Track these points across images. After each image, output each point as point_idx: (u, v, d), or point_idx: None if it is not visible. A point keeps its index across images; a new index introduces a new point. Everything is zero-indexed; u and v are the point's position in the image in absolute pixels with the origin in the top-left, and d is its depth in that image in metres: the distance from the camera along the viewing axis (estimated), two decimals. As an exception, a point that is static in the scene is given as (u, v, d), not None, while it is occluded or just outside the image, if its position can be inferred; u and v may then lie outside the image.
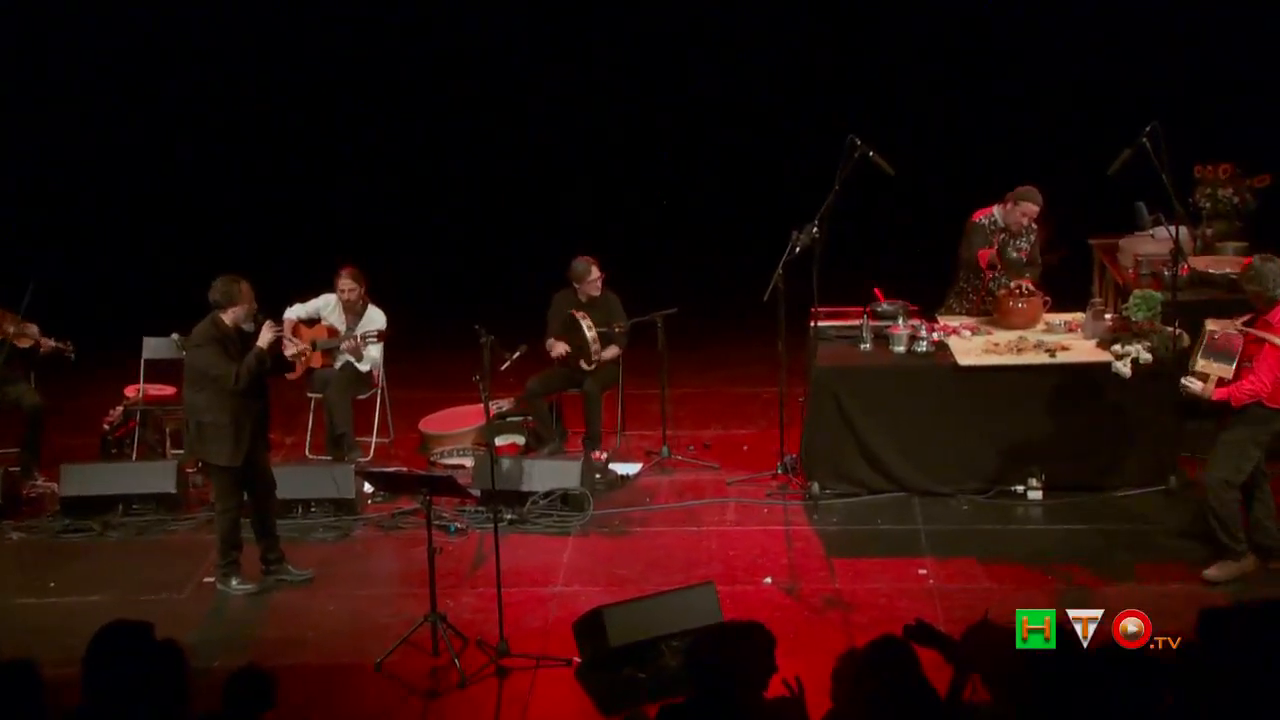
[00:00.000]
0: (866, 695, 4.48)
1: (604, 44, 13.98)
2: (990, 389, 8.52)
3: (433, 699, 6.71)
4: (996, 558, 7.85)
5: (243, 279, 7.66)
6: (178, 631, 5.98)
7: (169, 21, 13.54)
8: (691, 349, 10.81)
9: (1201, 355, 7.33)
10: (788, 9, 13.66)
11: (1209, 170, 9.89)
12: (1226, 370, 7.23)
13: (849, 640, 6.61)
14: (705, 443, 9.66)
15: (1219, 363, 7.26)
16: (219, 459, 7.66)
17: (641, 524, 8.55)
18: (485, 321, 8.05)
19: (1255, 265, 7.26)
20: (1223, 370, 7.24)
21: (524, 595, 7.58)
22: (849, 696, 4.53)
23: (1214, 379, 7.27)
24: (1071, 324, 8.96)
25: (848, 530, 8.33)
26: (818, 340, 8.89)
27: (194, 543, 8.39)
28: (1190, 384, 7.36)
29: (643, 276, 10.49)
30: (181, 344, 9.09)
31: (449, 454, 9.46)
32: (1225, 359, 7.24)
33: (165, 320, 9.67)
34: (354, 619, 7.47)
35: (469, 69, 14.10)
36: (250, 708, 4.77)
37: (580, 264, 9.37)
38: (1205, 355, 7.31)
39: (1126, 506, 8.36)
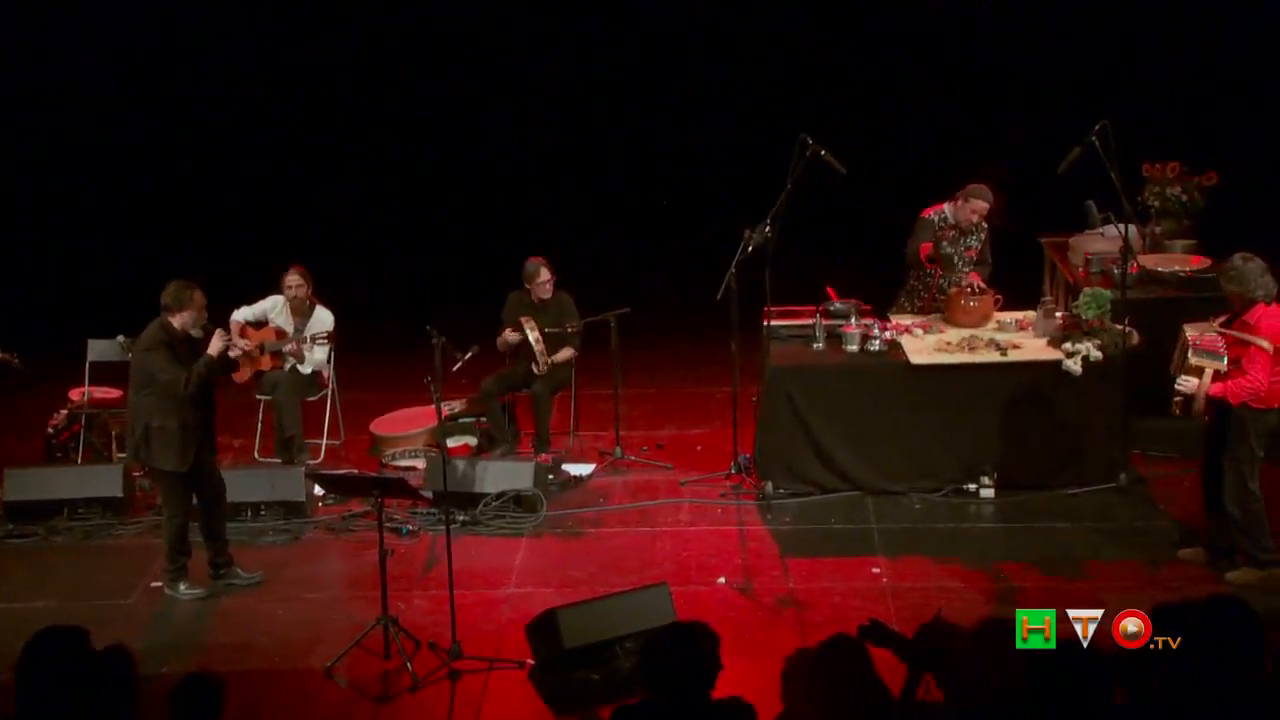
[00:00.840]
0: (818, 695, 4.47)
1: (556, 45, 13.98)
2: (942, 387, 8.56)
3: (384, 703, 6.67)
4: (949, 556, 7.88)
5: (195, 285, 7.61)
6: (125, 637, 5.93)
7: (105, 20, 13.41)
8: (645, 349, 10.82)
9: (1192, 354, 7.28)
10: (738, 10, 13.67)
11: (1157, 169, 9.95)
12: (1220, 364, 7.18)
13: (803, 639, 6.59)
14: (659, 443, 9.66)
15: (1210, 359, 7.21)
16: (166, 464, 7.58)
17: (595, 525, 8.53)
18: (437, 322, 8.01)
19: (1236, 265, 7.20)
20: (1216, 364, 7.18)
21: (477, 597, 7.55)
22: (801, 696, 4.52)
23: (1209, 374, 7.21)
24: (1022, 322, 9.00)
25: (801, 530, 8.35)
26: (771, 339, 8.89)
27: (141, 547, 8.31)
28: (1185, 384, 7.26)
29: (595, 276, 10.49)
30: (127, 346, 9.03)
31: (401, 456, 9.42)
32: (1214, 356, 7.20)
33: (110, 322, 9.59)
34: (304, 623, 7.42)
35: (420, 68, 14.04)
36: (198, 714, 4.72)
37: (531, 265, 9.37)
38: (1195, 354, 7.26)
39: (1078, 504, 8.40)
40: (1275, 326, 7.12)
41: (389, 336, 11.04)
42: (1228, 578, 7.35)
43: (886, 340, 8.77)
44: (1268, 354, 7.07)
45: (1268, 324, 7.11)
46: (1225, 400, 7.18)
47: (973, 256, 9.15)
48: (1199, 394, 7.23)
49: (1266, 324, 7.11)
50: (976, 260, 9.17)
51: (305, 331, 9.38)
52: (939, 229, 9.07)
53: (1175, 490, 8.50)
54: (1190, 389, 7.26)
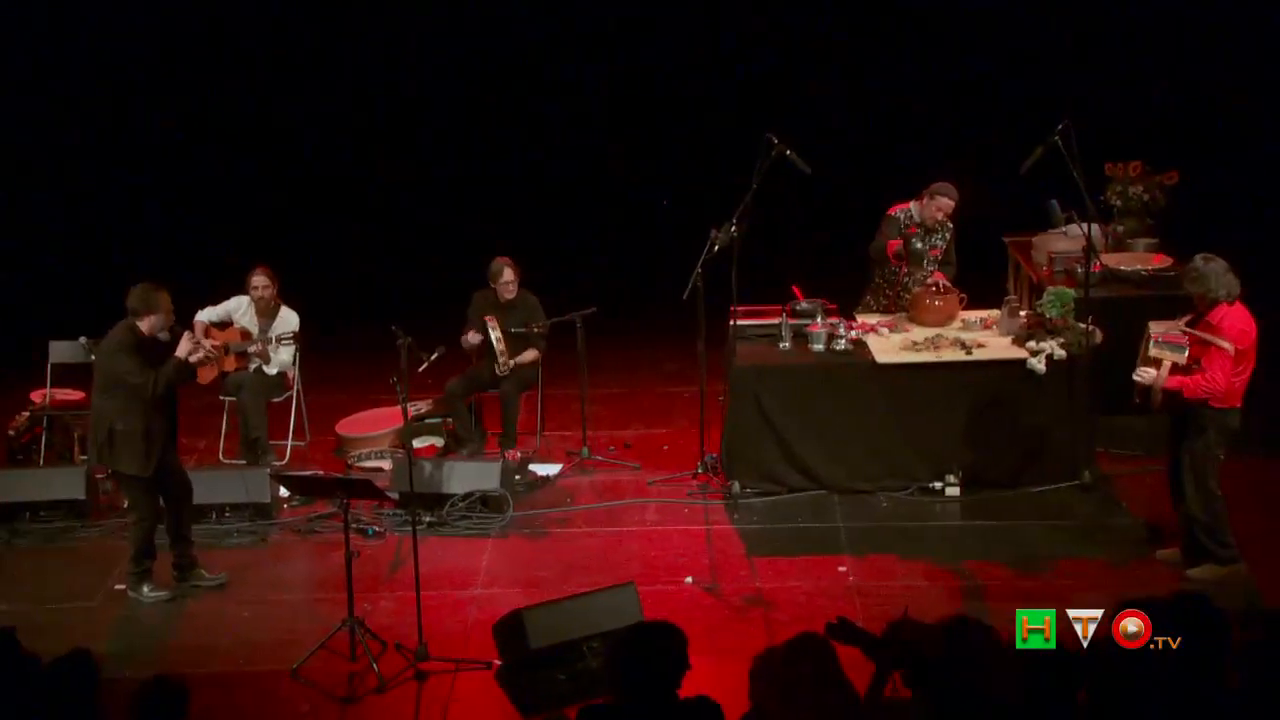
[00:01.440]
0: (785, 693, 4.49)
1: (516, 43, 13.94)
2: (908, 386, 8.60)
3: (350, 704, 6.67)
4: (916, 554, 7.93)
5: (162, 289, 7.57)
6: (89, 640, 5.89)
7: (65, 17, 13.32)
8: (611, 349, 10.81)
9: (1153, 345, 7.33)
10: (704, 8, 13.68)
11: (1119, 168, 10.05)
12: (1180, 357, 7.23)
13: (770, 638, 6.63)
14: (626, 443, 9.67)
15: (1171, 350, 7.27)
16: (130, 468, 7.54)
17: (562, 525, 8.54)
18: (402, 323, 7.99)
19: (1198, 266, 7.25)
20: (1175, 357, 7.24)
21: (443, 598, 7.56)
22: (767, 695, 4.55)
23: (1167, 365, 7.27)
24: (987, 321, 9.04)
25: (768, 529, 8.37)
26: (737, 339, 8.92)
27: (104, 549, 8.27)
28: (1143, 374, 7.33)
29: (562, 276, 10.50)
30: (89, 348, 8.99)
31: (367, 457, 9.40)
32: (1177, 349, 7.26)
33: (71, 324, 9.53)
34: (270, 625, 7.42)
35: (383, 67, 14.01)
36: (163, 716, 4.73)
37: (495, 264, 9.36)
38: (1156, 346, 7.32)
39: (1042, 502, 8.46)
40: (1237, 327, 7.18)
41: (354, 337, 11.01)
42: (1190, 574, 7.41)
43: (852, 340, 8.80)
44: (1229, 355, 7.13)
45: (1229, 324, 7.17)
46: (1182, 395, 7.24)
47: (938, 255, 9.19)
48: (1156, 385, 7.29)
49: (1228, 324, 7.17)
50: (941, 260, 9.22)
51: (271, 332, 9.35)
52: (904, 227, 9.11)
53: (1139, 488, 8.57)
54: (1148, 380, 7.32)
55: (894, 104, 13.43)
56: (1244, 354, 7.19)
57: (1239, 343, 7.15)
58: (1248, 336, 7.20)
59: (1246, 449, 7.95)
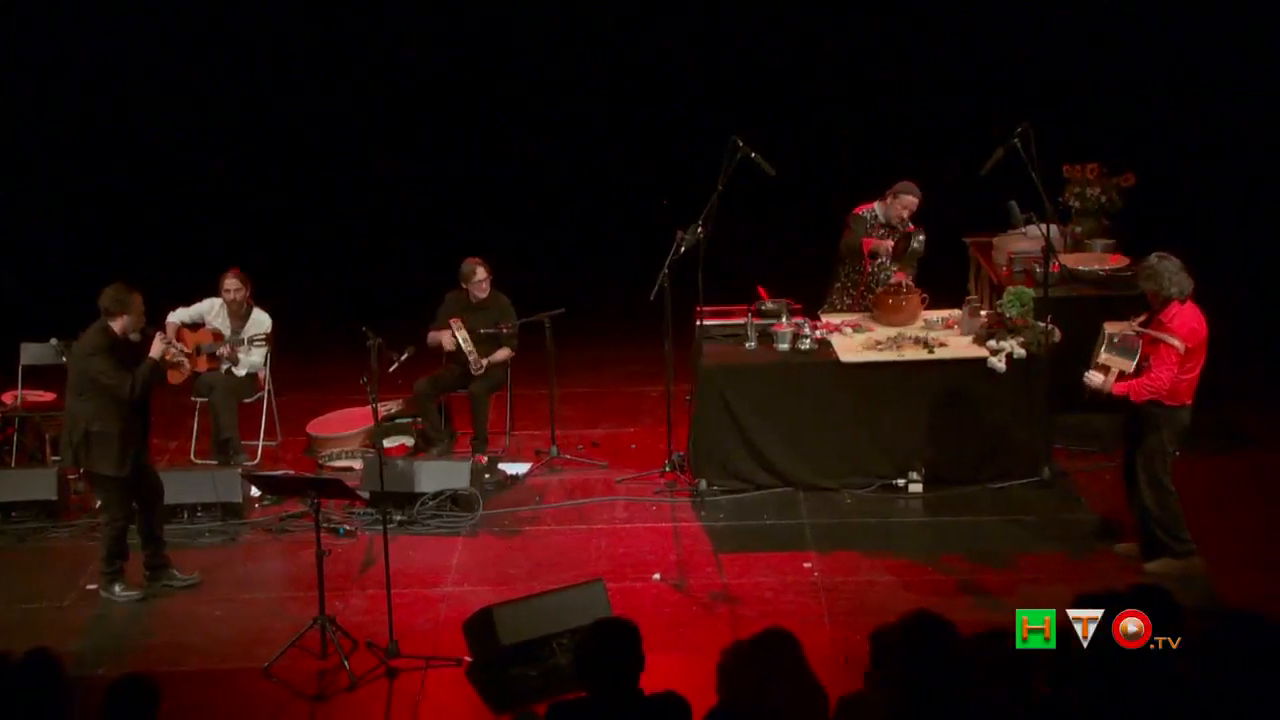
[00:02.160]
0: (752, 687, 4.52)
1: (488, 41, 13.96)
2: (871, 385, 8.69)
3: (321, 701, 6.71)
4: (880, 550, 8.02)
5: (135, 290, 7.60)
6: (61, 640, 5.96)
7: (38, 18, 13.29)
8: (579, 349, 10.85)
9: (1104, 350, 7.46)
10: (671, 11, 13.73)
11: (1077, 170, 10.16)
12: (1128, 365, 7.36)
13: (736, 633, 6.60)
14: (594, 441, 9.73)
15: (1121, 357, 7.39)
16: (106, 469, 7.57)
17: (531, 523, 8.59)
18: (372, 324, 8.05)
19: (1151, 264, 7.36)
20: (1124, 364, 7.37)
21: (414, 596, 7.59)
22: (735, 688, 4.58)
23: (1115, 372, 7.40)
24: (949, 321, 9.14)
25: (734, 526, 8.44)
26: (703, 339, 8.98)
27: (76, 549, 8.28)
28: (1092, 378, 7.47)
29: (531, 277, 10.52)
30: (61, 350, 8.99)
31: (337, 456, 9.43)
32: (1127, 354, 7.38)
33: (42, 325, 9.53)
34: (241, 623, 7.44)
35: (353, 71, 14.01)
36: (133, 716, 4.73)
37: (467, 265, 9.40)
38: (1107, 350, 7.44)
39: (1003, 498, 8.57)
40: (1188, 325, 7.30)
41: (325, 338, 11.03)
42: (1146, 568, 7.53)
43: (817, 339, 8.88)
44: (1178, 352, 7.25)
45: (1180, 322, 7.29)
46: (1130, 399, 7.37)
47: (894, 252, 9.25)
48: (1103, 390, 7.44)
49: (1179, 322, 7.29)
50: (894, 255, 9.25)
51: (243, 334, 9.38)
52: (870, 226, 9.23)
53: (1096, 484, 8.69)
54: (1096, 384, 7.46)
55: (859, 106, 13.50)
56: (1194, 352, 7.31)
57: (1189, 340, 7.27)
58: (1197, 335, 7.32)
59: (1200, 445, 8.11)
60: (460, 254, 9.56)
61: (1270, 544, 7.91)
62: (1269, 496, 8.51)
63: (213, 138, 13.92)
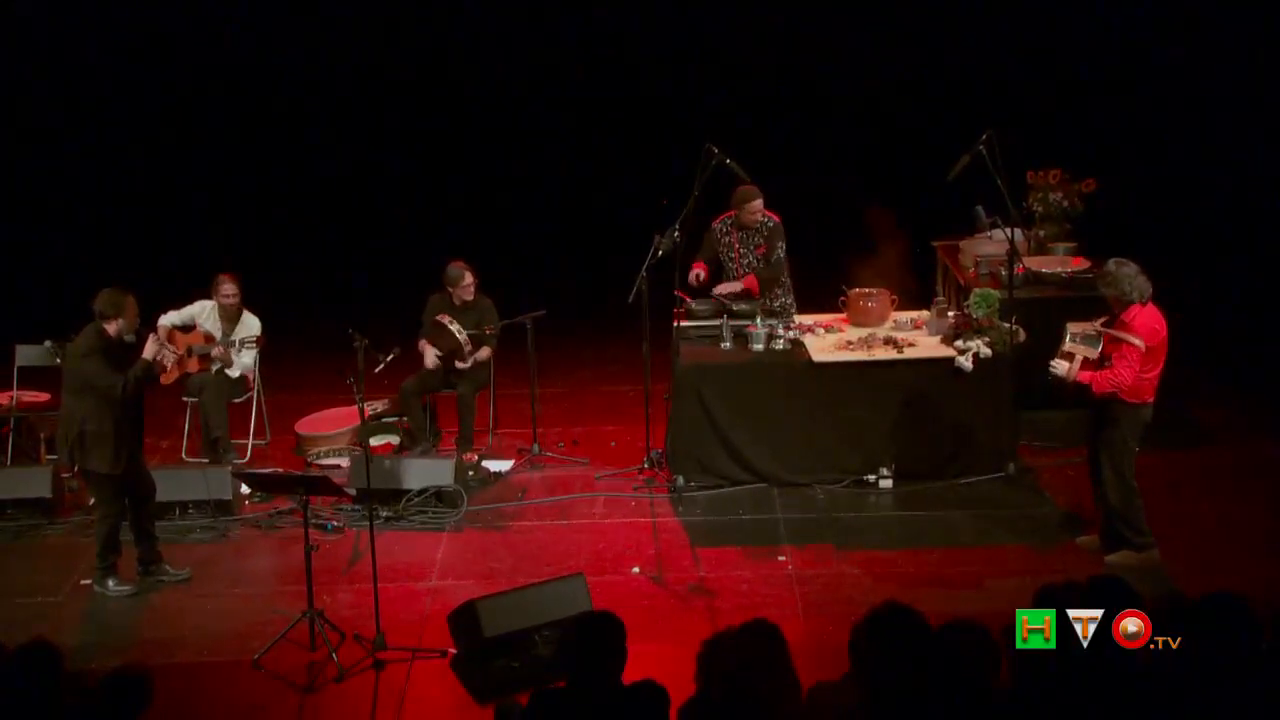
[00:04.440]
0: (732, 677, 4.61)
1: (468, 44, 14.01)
2: (843, 384, 8.82)
3: (310, 693, 6.79)
4: (852, 544, 8.15)
5: (129, 292, 7.72)
6: (56, 633, 6.08)
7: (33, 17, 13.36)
8: (560, 350, 10.96)
9: (1069, 339, 7.61)
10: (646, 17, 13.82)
11: (1040, 176, 10.31)
12: (1092, 352, 7.52)
13: (713, 626, 6.84)
14: (574, 439, 9.83)
15: (1085, 345, 7.56)
16: (101, 467, 7.69)
17: (514, 519, 8.70)
18: (358, 325, 8.17)
19: (1110, 270, 7.52)
20: (1088, 352, 7.53)
21: (400, 590, 7.69)
22: (715, 679, 4.66)
23: (1079, 359, 7.57)
24: (917, 321, 9.28)
25: (711, 521, 8.57)
26: (680, 340, 9.08)
27: (70, 546, 8.39)
28: (1057, 366, 7.62)
29: (512, 280, 10.60)
30: (55, 351, 9.07)
31: (325, 455, 9.52)
32: (1092, 343, 7.55)
33: (36, 326, 9.62)
34: (232, 617, 7.54)
35: (338, 73, 14.06)
36: (126, 707, 4.82)
37: (454, 269, 9.47)
38: (1071, 340, 7.60)
39: (970, 493, 8.72)
40: (1148, 325, 7.48)
41: (313, 339, 11.12)
42: (1107, 560, 7.70)
43: (790, 339, 9.04)
44: (1139, 351, 7.44)
45: (1141, 323, 7.47)
46: (1092, 390, 7.54)
47: (763, 254, 9.32)
48: (1068, 378, 7.61)
49: (1140, 323, 7.47)
50: (765, 257, 9.33)
51: (234, 336, 9.49)
52: (719, 237, 9.28)
53: (1060, 479, 8.85)
54: (1061, 372, 7.63)
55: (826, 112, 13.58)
56: (1154, 351, 7.50)
57: (1149, 340, 7.45)
58: (1158, 335, 7.50)
59: (1160, 441, 8.26)
60: (442, 256, 9.63)
61: (1223, 534, 8.09)
62: (1221, 489, 8.70)
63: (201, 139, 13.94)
